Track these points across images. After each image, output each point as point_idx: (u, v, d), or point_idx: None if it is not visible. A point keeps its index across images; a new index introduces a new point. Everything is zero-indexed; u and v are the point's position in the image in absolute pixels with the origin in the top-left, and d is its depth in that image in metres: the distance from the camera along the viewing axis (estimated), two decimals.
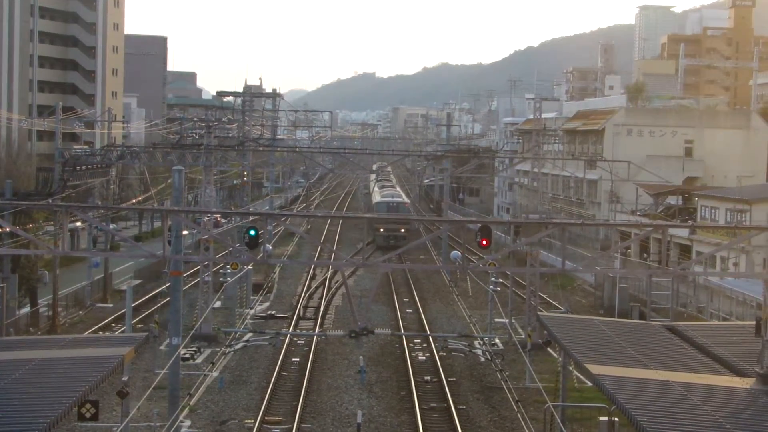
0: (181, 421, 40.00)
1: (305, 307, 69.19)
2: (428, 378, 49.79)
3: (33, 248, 45.23)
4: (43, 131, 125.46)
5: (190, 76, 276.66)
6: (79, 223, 79.24)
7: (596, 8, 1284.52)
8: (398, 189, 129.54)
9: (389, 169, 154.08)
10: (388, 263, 39.68)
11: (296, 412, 42.25)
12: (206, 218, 59.05)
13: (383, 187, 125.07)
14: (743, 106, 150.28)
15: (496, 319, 59.59)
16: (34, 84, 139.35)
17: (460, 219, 75.96)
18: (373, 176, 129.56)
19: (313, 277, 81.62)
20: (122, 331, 54.44)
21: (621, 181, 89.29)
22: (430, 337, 57.76)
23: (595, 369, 28.40)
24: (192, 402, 43.67)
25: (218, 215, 79.24)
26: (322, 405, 44.41)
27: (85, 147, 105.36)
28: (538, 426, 37.11)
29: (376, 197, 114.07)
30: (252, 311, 66.15)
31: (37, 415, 23.31)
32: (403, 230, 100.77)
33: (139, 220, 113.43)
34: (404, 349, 55.86)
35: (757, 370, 27.96)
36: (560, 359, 37.68)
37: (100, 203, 79.95)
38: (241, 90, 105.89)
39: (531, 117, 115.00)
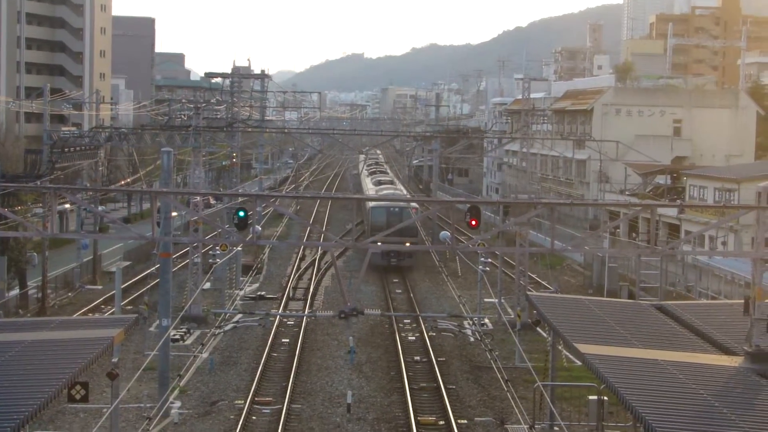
0: (171, 402, 40.05)
1: (295, 288, 69.22)
2: (418, 358, 49.89)
3: (22, 230, 45.23)
4: (30, 113, 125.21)
5: (178, 58, 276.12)
6: (67, 205, 79.13)
7: None
8: (400, 186, 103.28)
9: (380, 153, 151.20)
10: (378, 244, 39.72)
11: (286, 393, 42.31)
12: (196, 199, 58.99)
13: (380, 183, 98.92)
14: (731, 86, 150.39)
15: (486, 299, 59.66)
16: (21, 65, 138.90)
17: (449, 199, 75.95)
18: (362, 157, 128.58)
19: (302, 258, 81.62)
20: (112, 313, 54.45)
21: (610, 161, 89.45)
22: (420, 318, 57.84)
23: (584, 348, 28.47)
24: (182, 383, 43.70)
25: (210, 196, 79.26)
26: (312, 385, 44.48)
27: (74, 129, 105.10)
28: (528, 405, 37.22)
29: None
30: (241, 292, 66.14)
31: (27, 396, 23.32)
32: (408, 244, 73.16)
33: (127, 202, 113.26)
34: (394, 329, 55.96)
35: (746, 348, 28.07)
36: (549, 339, 37.77)
37: (88, 185, 79.82)
38: (229, 71, 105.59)
39: (520, 97, 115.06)
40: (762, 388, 25.69)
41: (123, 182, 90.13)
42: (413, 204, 76.38)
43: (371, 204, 78.38)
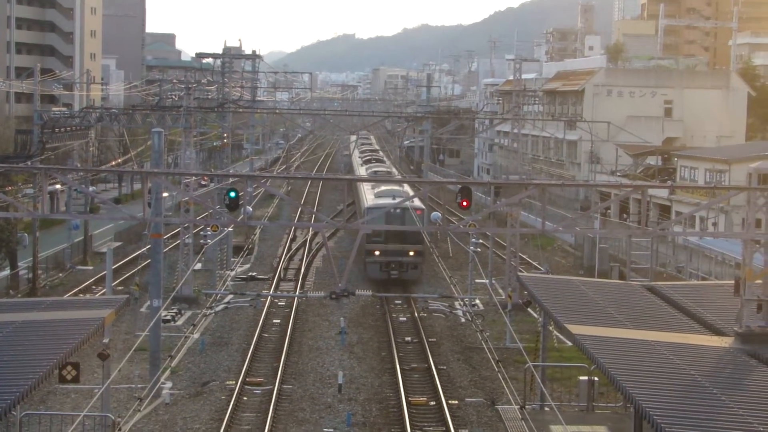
0: (163, 383, 40.10)
1: (286, 269, 69.24)
2: (409, 339, 49.95)
3: (12, 211, 45.10)
4: (21, 93, 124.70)
5: (169, 38, 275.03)
6: (58, 186, 79.05)
7: None
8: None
9: (372, 137, 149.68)
10: (369, 225, 39.72)
11: (277, 373, 42.38)
12: (188, 180, 58.95)
13: (376, 173, 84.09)
14: (723, 67, 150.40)
15: (477, 280, 59.72)
16: (11, 46, 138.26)
17: (440, 180, 75.82)
18: (353, 138, 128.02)
19: (293, 239, 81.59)
20: (103, 294, 54.44)
21: (601, 142, 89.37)
22: (411, 299, 57.89)
23: (574, 329, 28.52)
24: (173, 364, 43.75)
25: (205, 176, 79.14)
26: (303, 366, 44.55)
27: (64, 109, 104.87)
28: (518, 385, 37.30)
29: (368, 197, 69.76)
30: (232, 273, 66.17)
31: (19, 377, 23.33)
32: (412, 253, 63.97)
33: (118, 183, 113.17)
34: (385, 310, 56.03)
35: (736, 329, 28.14)
36: (540, 319, 37.86)
37: (79, 165, 79.66)
38: (220, 51, 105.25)
39: (511, 78, 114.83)
40: (752, 368, 25.77)
41: (114, 163, 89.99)
42: (418, 204, 65.85)
43: (367, 204, 66.36)
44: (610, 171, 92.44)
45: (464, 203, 32.86)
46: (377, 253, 63.59)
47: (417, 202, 65.84)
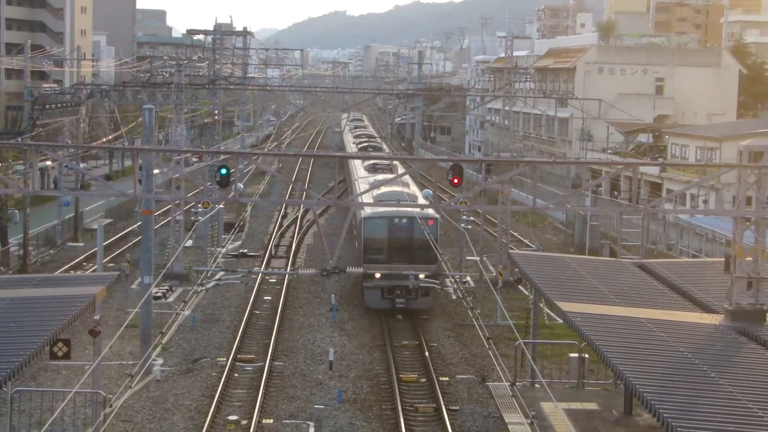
0: (154, 360, 40.11)
1: (277, 246, 69.20)
2: (399, 316, 49.91)
3: (3, 187, 45.03)
4: (11, 69, 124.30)
5: (160, 14, 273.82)
6: (49, 162, 78.88)
7: None
8: (410, 182, 65.39)
9: (366, 120, 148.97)
10: (360, 202, 39.66)
11: (268, 350, 42.43)
12: (179, 157, 58.82)
13: (375, 169, 66.18)
14: (714, 44, 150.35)
15: (468, 257, 59.75)
16: (1, 22, 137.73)
17: (431, 157, 75.72)
18: (344, 115, 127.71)
19: (284, 216, 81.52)
20: (93, 270, 54.37)
21: (592, 120, 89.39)
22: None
23: (565, 306, 28.56)
24: (164, 340, 43.76)
25: (200, 154, 78.98)
26: (294, 343, 44.59)
27: (55, 85, 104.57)
28: (509, 362, 37.37)
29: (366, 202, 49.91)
30: (223, 250, 66.10)
31: (9, 353, 23.32)
32: (423, 275, 49.78)
33: (109, 159, 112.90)
34: None
35: (726, 306, 28.21)
36: (531, 297, 37.91)
37: (70, 142, 79.46)
38: (211, 28, 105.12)
39: (502, 55, 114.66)
40: (741, 345, 25.85)
41: (104, 139, 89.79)
42: (431, 213, 50.95)
43: (365, 213, 51.65)
44: (601, 148, 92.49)
45: (455, 180, 32.80)
46: (378, 276, 50.21)
47: (429, 210, 50.67)
